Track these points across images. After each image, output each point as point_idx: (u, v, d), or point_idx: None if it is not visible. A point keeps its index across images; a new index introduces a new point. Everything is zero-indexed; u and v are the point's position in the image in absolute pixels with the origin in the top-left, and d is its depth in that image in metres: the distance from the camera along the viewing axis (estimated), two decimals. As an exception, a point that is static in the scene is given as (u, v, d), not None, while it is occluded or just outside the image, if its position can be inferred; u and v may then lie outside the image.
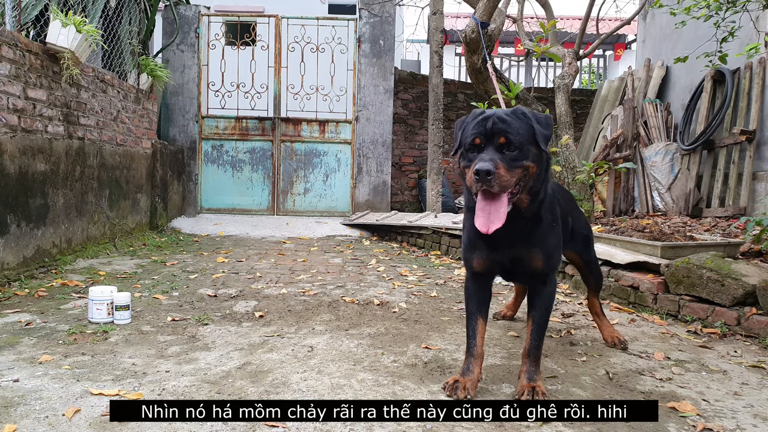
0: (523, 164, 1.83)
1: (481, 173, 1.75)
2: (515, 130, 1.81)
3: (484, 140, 1.82)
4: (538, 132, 1.85)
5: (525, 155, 1.83)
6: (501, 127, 1.81)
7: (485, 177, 1.75)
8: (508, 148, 1.81)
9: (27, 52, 3.81)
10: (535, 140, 1.85)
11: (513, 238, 1.97)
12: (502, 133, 1.80)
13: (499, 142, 1.81)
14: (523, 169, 1.83)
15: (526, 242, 1.99)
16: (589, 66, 14.53)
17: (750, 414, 1.90)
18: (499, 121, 1.82)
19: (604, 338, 2.65)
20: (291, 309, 3.18)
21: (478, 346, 2.04)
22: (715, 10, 3.80)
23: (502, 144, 1.81)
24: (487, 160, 1.77)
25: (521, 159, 1.82)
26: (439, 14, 6.66)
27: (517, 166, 1.82)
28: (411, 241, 5.97)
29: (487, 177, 1.75)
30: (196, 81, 7.25)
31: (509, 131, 1.81)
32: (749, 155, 5.39)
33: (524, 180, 1.86)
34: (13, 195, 3.66)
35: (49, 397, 1.90)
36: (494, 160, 1.77)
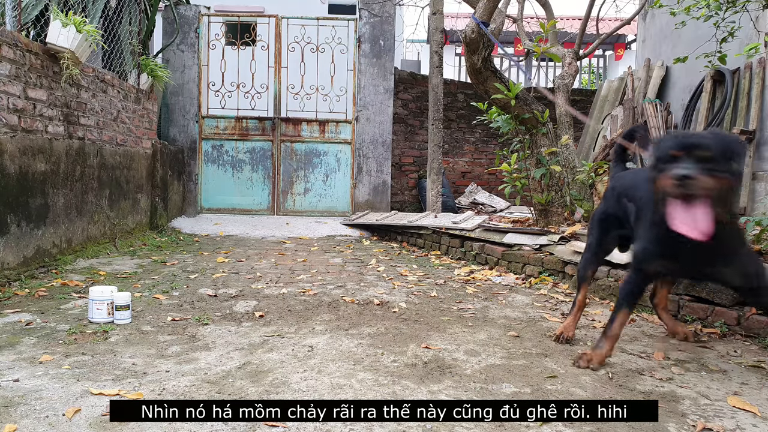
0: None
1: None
2: (715, 146, 1.90)
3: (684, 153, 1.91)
4: (738, 153, 1.94)
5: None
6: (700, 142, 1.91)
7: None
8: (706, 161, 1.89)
9: (27, 52, 3.81)
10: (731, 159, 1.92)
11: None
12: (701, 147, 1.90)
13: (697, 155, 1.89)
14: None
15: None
16: (589, 66, 14.53)
17: (750, 414, 1.90)
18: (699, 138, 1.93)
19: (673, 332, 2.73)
20: (291, 309, 3.18)
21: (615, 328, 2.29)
22: (715, 10, 3.80)
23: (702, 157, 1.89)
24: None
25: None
26: (439, 14, 6.66)
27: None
28: (411, 241, 5.97)
29: (687, 180, 1.85)
30: (196, 81, 7.25)
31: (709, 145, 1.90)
32: (749, 155, 5.39)
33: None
34: (14, 195, 3.66)
35: (50, 397, 1.90)
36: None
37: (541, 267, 4.11)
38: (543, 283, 3.94)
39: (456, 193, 8.50)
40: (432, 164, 6.69)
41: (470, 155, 8.75)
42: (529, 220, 5.63)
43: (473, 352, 2.49)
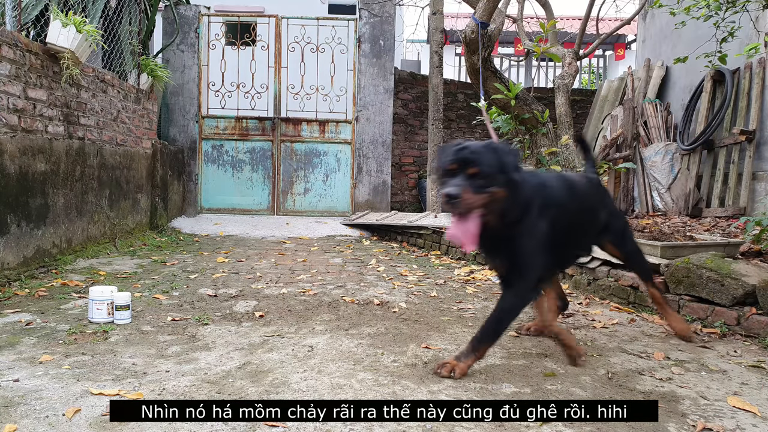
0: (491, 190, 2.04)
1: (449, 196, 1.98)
2: (485, 161, 2.03)
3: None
4: (508, 164, 2.08)
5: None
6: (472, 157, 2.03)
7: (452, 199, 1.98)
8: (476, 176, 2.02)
9: (27, 52, 3.81)
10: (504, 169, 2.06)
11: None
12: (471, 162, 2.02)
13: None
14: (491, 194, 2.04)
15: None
16: (589, 66, 14.53)
17: (750, 414, 1.90)
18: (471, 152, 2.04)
19: (673, 329, 2.72)
20: (291, 309, 3.18)
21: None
22: (715, 10, 3.80)
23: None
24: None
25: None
26: (439, 14, 6.66)
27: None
28: (411, 241, 5.97)
29: (453, 200, 1.98)
30: (196, 81, 7.25)
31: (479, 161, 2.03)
32: (749, 155, 5.39)
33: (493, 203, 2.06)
34: (14, 195, 3.66)
35: (50, 397, 1.90)
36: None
37: (541, 267, 4.11)
38: (543, 283, 3.94)
39: (456, 193, 8.48)
40: (432, 164, 6.69)
41: (470, 155, 8.74)
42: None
43: (473, 352, 2.49)
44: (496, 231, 2.15)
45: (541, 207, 2.22)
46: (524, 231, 2.19)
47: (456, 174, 2.03)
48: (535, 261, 2.23)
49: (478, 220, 2.04)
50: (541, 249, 2.23)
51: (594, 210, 2.56)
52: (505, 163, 2.07)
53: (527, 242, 2.20)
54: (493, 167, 2.03)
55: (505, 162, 2.07)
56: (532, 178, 2.25)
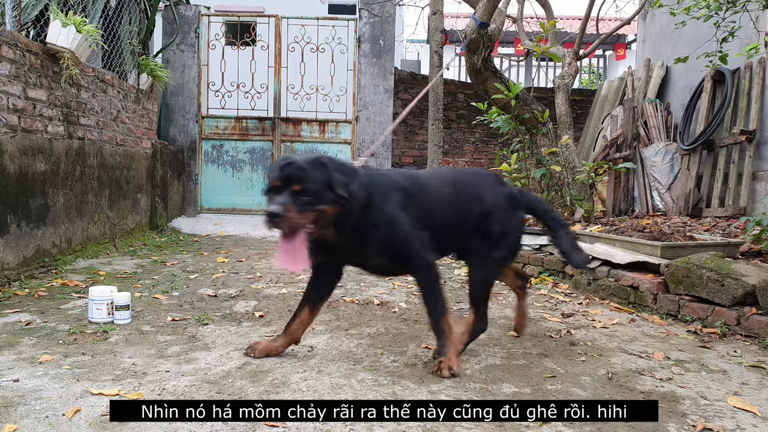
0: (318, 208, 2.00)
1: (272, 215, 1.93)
2: (311, 178, 1.99)
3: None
4: (336, 181, 2.02)
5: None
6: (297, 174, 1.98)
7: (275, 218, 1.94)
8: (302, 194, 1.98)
9: (27, 52, 3.81)
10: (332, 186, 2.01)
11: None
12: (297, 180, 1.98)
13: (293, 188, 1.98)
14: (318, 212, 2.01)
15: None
16: (589, 66, 14.53)
17: (750, 414, 1.90)
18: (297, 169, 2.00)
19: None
20: (291, 309, 3.18)
21: (293, 328, 2.39)
22: (715, 10, 3.80)
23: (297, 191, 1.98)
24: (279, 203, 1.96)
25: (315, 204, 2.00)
26: (439, 14, 6.66)
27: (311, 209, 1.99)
28: (411, 241, 5.96)
29: (277, 219, 1.93)
30: (196, 81, 7.25)
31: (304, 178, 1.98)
32: (749, 155, 5.39)
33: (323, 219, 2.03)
34: (13, 195, 3.66)
35: (49, 397, 1.90)
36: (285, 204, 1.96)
37: (541, 267, 4.11)
38: (543, 283, 3.94)
39: (456, 193, 8.48)
40: (432, 164, 6.69)
41: (470, 155, 8.76)
42: (529, 219, 5.63)
43: (473, 352, 2.49)
44: (339, 241, 2.14)
45: (383, 199, 2.19)
46: (378, 224, 2.16)
47: (281, 191, 1.98)
48: (408, 238, 2.20)
49: (306, 240, 2.00)
50: (405, 226, 2.20)
51: (464, 209, 2.38)
52: (334, 179, 2.01)
53: (389, 231, 2.18)
54: (319, 184, 1.99)
55: (334, 178, 2.01)
56: (366, 177, 2.18)
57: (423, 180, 2.38)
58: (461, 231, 2.38)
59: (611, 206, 6.58)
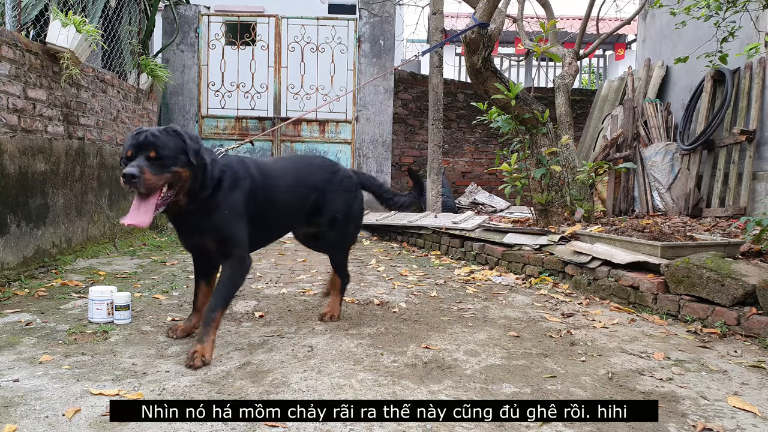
0: (173, 170, 2.16)
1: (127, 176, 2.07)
2: (163, 144, 2.15)
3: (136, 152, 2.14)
4: (188, 146, 2.19)
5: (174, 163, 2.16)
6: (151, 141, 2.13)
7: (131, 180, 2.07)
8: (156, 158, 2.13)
9: (27, 52, 3.81)
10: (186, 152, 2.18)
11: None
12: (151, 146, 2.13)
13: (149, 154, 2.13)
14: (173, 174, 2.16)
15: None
16: (589, 66, 14.53)
17: (750, 414, 1.90)
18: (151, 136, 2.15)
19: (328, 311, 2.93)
20: (291, 309, 3.18)
21: (200, 303, 2.59)
22: (715, 10, 3.80)
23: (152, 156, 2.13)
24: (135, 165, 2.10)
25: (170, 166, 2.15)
26: (439, 14, 6.66)
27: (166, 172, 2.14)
28: (411, 241, 5.97)
29: (133, 180, 2.06)
30: (196, 81, 7.25)
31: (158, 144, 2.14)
32: (749, 155, 5.39)
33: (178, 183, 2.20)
34: (13, 195, 3.66)
35: (49, 397, 1.90)
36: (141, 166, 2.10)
37: (541, 267, 4.11)
38: (543, 283, 3.94)
39: (456, 193, 8.50)
40: (432, 164, 6.69)
41: (470, 155, 8.76)
42: (529, 220, 5.63)
43: (473, 352, 2.49)
44: (189, 211, 2.29)
45: (233, 183, 2.36)
46: (221, 205, 2.32)
47: (134, 158, 2.12)
48: (238, 229, 2.38)
49: (157, 199, 2.15)
50: (241, 218, 2.39)
51: (302, 192, 2.68)
52: (187, 146, 2.17)
53: (228, 219, 2.35)
54: (172, 149, 2.14)
55: (187, 145, 2.18)
56: (225, 160, 2.39)
57: (268, 168, 2.61)
58: (301, 213, 2.72)
59: (611, 206, 6.58)
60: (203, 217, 2.32)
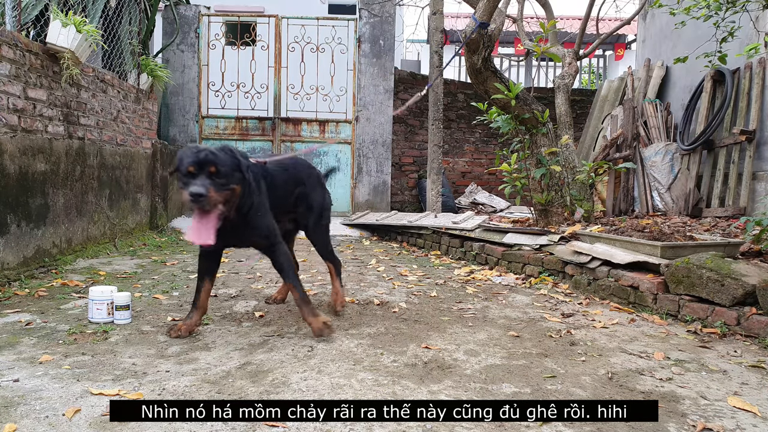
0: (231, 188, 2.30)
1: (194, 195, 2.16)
2: (222, 161, 2.26)
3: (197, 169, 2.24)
4: (242, 163, 2.32)
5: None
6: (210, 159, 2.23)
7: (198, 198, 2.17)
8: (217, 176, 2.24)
9: (27, 52, 3.81)
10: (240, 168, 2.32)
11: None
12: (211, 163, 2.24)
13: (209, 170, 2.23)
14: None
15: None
16: (589, 66, 14.53)
17: (750, 414, 1.90)
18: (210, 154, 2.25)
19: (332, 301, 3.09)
20: (291, 309, 3.18)
21: (201, 301, 2.66)
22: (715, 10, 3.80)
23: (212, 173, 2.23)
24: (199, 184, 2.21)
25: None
26: (439, 14, 6.66)
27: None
28: (411, 241, 5.97)
29: (200, 198, 2.17)
30: (196, 81, 7.25)
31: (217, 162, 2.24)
32: (749, 155, 5.39)
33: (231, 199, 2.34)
34: (13, 195, 3.66)
35: (49, 397, 1.90)
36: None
37: (541, 267, 4.11)
38: (543, 283, 3.94)
39: (456, 193, 8.50)
40: (432, 164, 6.69)
41: (470, 155, 8.75)
42: (529, 220, 5.63)
43: (473, 352, 2.49)
44: (232, 220, 2.41)
45: (258, 184, 2.54)
46: (259, 211, 2.52)
47: (196, 175, 2.20)
48: (272, 223, 2.62)
49: (217, 216, 2.26)
50: (270, 214, 2.62)
51: (286, 187, 2.88)
52: (240, 164, 2.31)
53: (264, 219, 2.56)
54: (230, 167, 2.27)
55: (240, 162, 2.31)
56: (254, 168, 2.54)
57: (269, 168, 2.79)
58: (287, 205, 2.92)
59: (611, 206, 6.58)
60: (243, 220, 2.47)
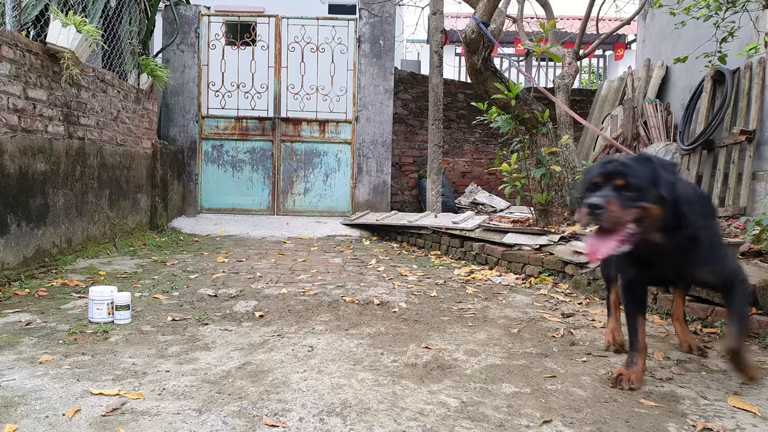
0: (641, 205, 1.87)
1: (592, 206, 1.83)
2: (634, 173, 1.87)
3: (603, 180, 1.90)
4: (661, 178, 1.88)
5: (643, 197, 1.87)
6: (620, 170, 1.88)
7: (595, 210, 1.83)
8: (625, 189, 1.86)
9: (27, 52, 3.81)
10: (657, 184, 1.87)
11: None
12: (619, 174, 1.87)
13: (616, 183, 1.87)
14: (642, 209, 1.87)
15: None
16: (588, 66, 14.53)
17: (750, 414, 1.90)
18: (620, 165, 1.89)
19: (680, 344, 2.57)
20: (291, 309, 3.18)
21: (641, 341, 2.16)
22: (715, 10, 3.80)
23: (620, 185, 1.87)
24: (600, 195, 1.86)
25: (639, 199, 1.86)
26: (439, 14, 6.66)
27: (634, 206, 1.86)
28: (411, 241, 5.97)
29: (597, 211, 1.82)
30: (196, 81, 7.25)
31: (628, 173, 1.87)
32: (749, 155, 5.39)
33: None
34: (14, 195, 3.66)
35: (50, 397, 1.90)
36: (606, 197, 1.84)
37: (541, 267, 4.11)
38: (543, 283, 3.94)
39: (456, 193, 8.50)
40: (432, 164, 6.69)
41: (470, 155, 8.75)
42: (529, 220, 5.63)
43: (473, 352, 2.49)
44: (659, 247, 1.98)
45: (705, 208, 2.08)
46: (706, 238, 2.03)
47: (601, 187, 1.88)
48: (728, 257, 2.16)
49: (624, 238, 1.86)
50: (724, 247, 2.15)
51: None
52: (660, 176, 1.87)
53: (717, 249, 2.09)
54: (643, 179, 1.85)
55: (660, 174, 1.87)
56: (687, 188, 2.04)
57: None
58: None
59: (611, 206, 6.57)
60: (682, 252, 2.02)
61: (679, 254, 2.02)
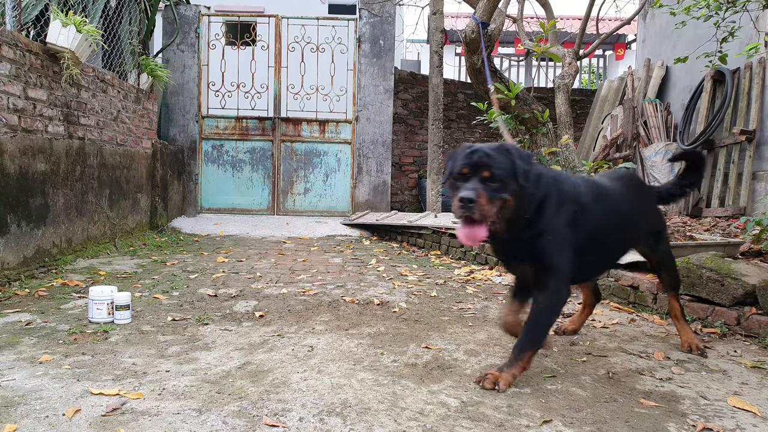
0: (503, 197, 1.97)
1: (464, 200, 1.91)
2: (498, 164, 1.96)
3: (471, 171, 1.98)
4: (518, 167, 1.98)
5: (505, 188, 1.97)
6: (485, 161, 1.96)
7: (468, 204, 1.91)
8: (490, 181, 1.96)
9: (27, 52, 3.81)
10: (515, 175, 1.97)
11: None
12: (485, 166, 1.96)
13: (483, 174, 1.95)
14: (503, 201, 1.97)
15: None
16: (589, 66, 14.53)
17: (750, 414, 1.90)
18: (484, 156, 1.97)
19: (681, 343, 2.56)
20: (291, 309, 3.18)
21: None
22: (715, 10, 3.80)
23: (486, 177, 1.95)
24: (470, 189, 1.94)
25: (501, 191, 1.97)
26: (439, 14, 6.66)
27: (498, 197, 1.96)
28: (411, 241, 5.97)
29: (469, 204, 1.91)
30: (197, 81, 7.25)
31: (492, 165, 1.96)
32: (749, 155, 5.39)
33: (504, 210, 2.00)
34: (14, 195, 3.66)
35: (50, 397, 1.90)
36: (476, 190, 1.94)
37: (541, 267, 4.11)
38: (543, 283, 3.94)
39: (456, 193, 8.48)
40: (432, 164, 6.69)
41: (470, 155, 8.74)
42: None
43: (473, 352, 2.49)
44: (510, 236, 2.08)
45: (559, 206, 2.12)
46: (545, 230, 2.08)
47: (469, 178, 1.95)
48: (564, 258, 2.13)
49: (487, 228, 1.96)
50: (567, 246, 2.13)
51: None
52: (517, 167, 1.96)
53: (551, 241, 2.10)
54: (505, 171, 1.95)
55: (517, 165, 1.97)
56: (549, 177, 2.13)
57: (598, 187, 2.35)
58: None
59: (611, 206, 6.57)
60: (525, 240, 2.09)
61: (522, 244, 2.12)
